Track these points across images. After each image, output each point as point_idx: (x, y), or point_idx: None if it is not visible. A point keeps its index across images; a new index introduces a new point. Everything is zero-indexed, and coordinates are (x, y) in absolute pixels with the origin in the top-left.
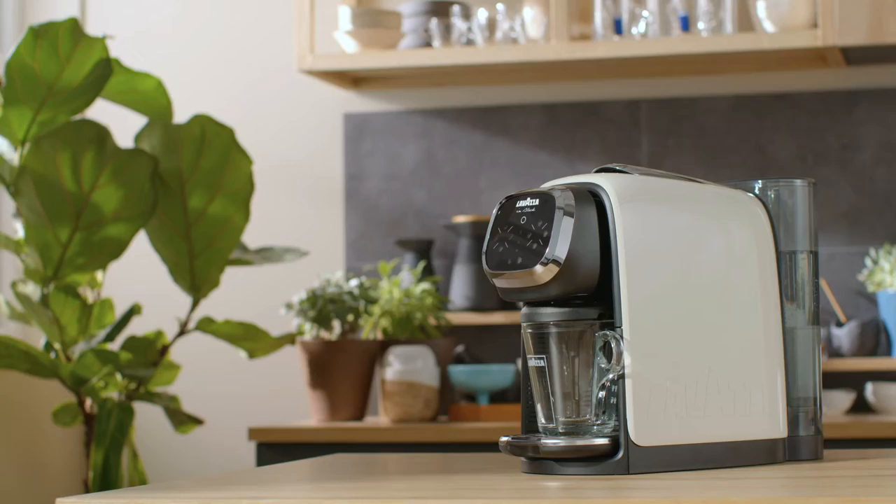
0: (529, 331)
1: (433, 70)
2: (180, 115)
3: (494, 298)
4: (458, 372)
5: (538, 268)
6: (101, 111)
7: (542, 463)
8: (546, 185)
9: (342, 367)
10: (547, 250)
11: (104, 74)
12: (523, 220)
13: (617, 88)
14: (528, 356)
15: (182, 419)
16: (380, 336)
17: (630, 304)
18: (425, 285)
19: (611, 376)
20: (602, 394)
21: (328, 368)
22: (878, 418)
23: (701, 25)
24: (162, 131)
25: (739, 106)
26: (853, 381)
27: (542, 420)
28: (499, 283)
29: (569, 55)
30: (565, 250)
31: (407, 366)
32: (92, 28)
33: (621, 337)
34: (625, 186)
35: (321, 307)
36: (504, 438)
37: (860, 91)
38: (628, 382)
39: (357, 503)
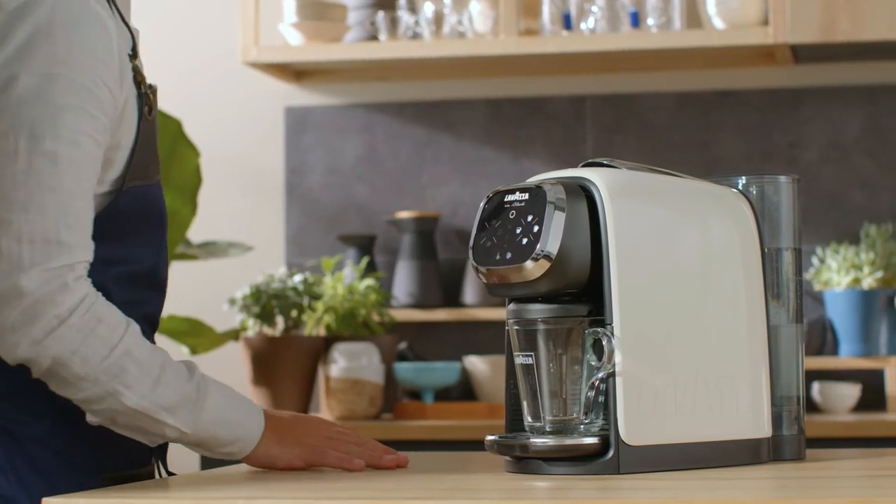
0: (517, 328)
1: (378, 64)
2: None
3: (438, 295)
4: (404, 369)
5: (529, 263)
6: None
7: (528, 462)
8: (534, 179)
9: (286, 364)
10: (538, 245)
11: None
12: (512, 214)
13: (562, 84)
14: (515, 353)
15: None
16: (322, 332)
17: (621, 300)
18: (369, 281)
19: (601, 374)
20: (591, 392)
21: (271, 365)
22: (824, 418)
23: (651, 21)
24: None
25: (685, 103)
26: None
27: (528, 419)
28: (485, 278)
29: (518, 50)
30: (557, 245)
31: (352, 363)
32: None
33: (612, 334)
34: (615, 181)
35: (265, 303)
36: (490, 437)
37: (807, 89)
38: (618, 381)
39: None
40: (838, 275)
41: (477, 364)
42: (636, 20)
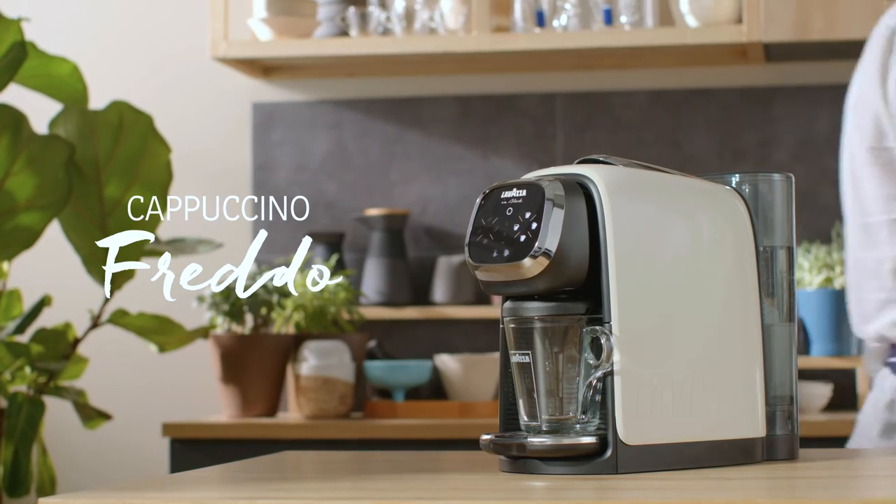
0: (513, 326)
1: (347, 60)
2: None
3: (407, 293)
4: (375, 367)
5: (527, 261)
6: (14, 96)
7: (525, 462)
8: (531, 176)
9: (255, 362)
10: (537, 242)
11: (18, 57)
12: (509, 211)
13: (532, 82)
14: (512, 352)
15: (90, 414)
16: (292, 330)
17: (619, 298)
18: (339, 279)
19: (599, 373)
20: (589, 392)
21: (241, 363)
22: None
23: (623, 19)
24: (78, 117)
25: (656, 101)
26: None
27: (524, 418)
28: (481, 276)
29: (490, 47)
30: (556, 242)
31: (323, 361)
32: (3, 9)
33: (610, 332)
34: (612, 178)
35: (235, 300)
36: (486, 436)
37: (778, 88)
38: (617, 379)
39: None
40: (810, 274)
41: (448, 362)
42: (609, 17)
